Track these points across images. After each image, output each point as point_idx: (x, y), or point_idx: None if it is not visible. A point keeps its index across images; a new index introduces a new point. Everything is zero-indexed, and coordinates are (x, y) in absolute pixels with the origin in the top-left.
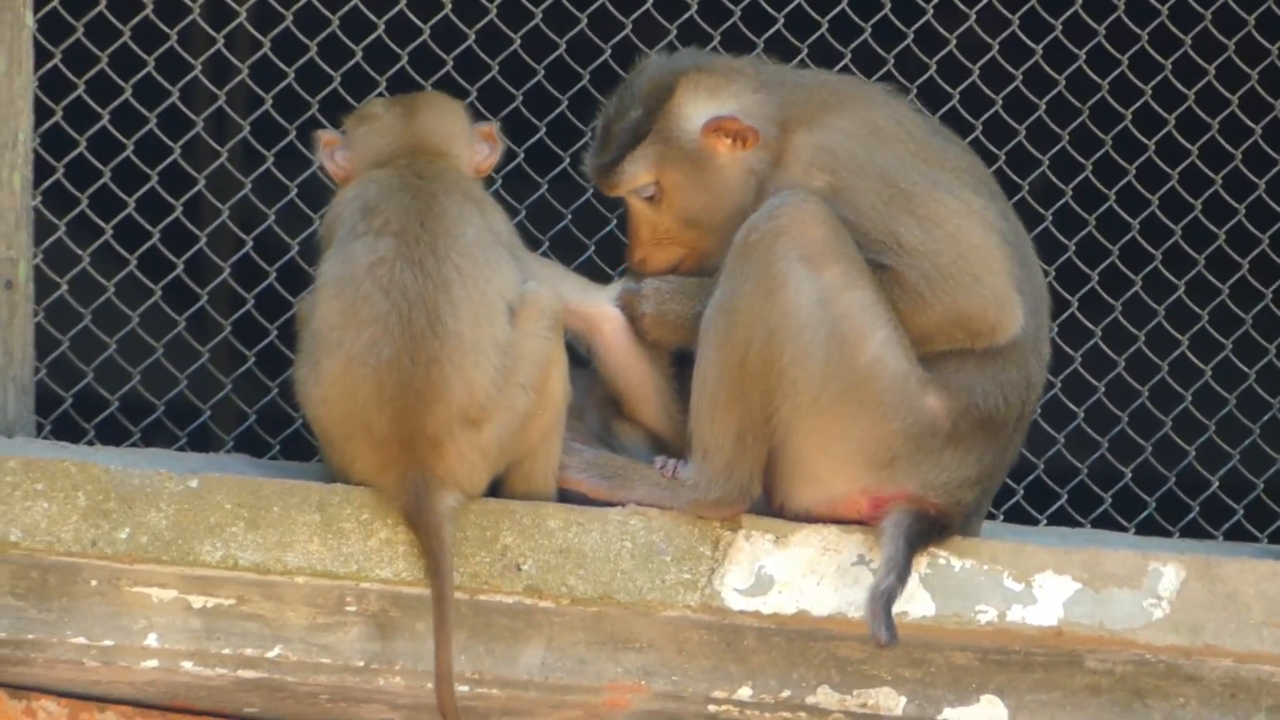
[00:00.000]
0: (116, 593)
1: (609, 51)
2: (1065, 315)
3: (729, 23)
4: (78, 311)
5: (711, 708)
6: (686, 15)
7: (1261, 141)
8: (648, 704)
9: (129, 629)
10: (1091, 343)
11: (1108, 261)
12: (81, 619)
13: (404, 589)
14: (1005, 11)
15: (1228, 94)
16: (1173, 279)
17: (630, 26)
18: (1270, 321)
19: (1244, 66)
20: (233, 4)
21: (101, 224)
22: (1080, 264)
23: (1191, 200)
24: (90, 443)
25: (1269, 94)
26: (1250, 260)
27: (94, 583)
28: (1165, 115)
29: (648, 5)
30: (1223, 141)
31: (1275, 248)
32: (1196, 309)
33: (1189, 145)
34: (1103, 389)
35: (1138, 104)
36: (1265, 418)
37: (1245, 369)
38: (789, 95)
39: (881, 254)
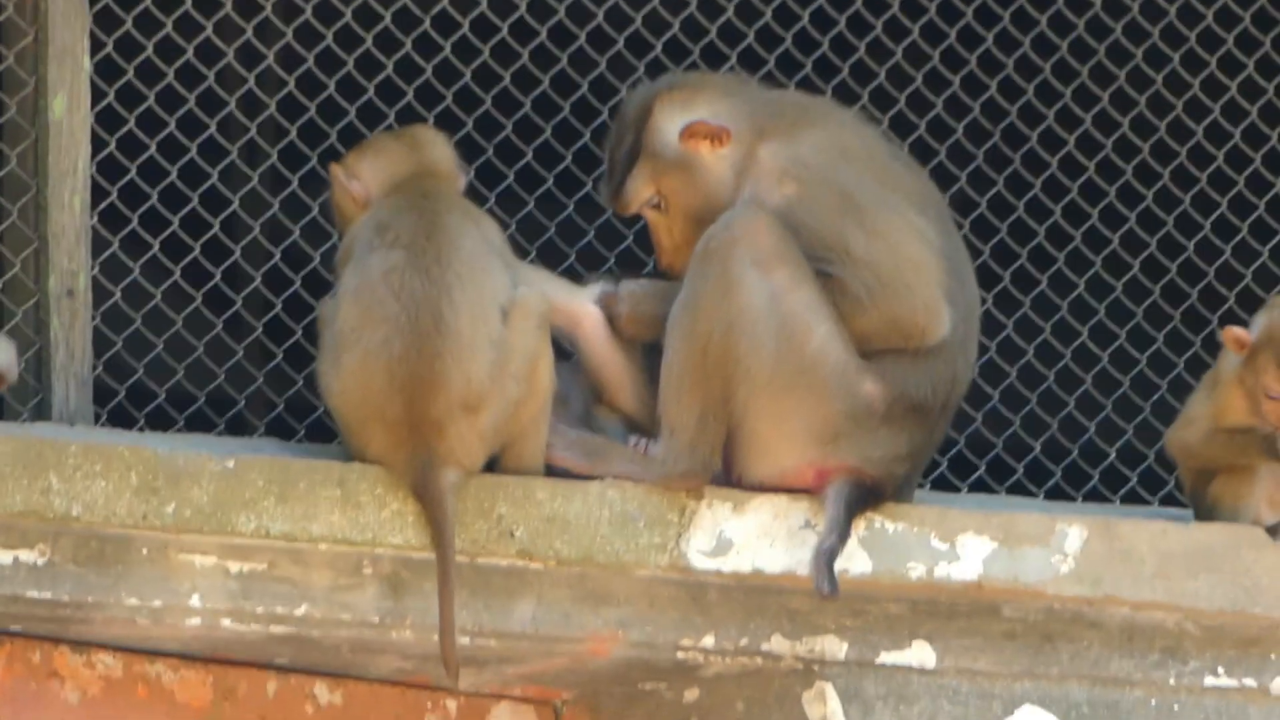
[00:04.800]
0: (164, 560)
1: (585, 86)
2: (982, 310)
3: (689, 59)
4: (129, 316)
5: (680, 654)
6: (652, 55)
7: (1149, 158)
8: (625, 652)
9: (175, 591)
10: (1005, 333)
11: (1018, 263)
12: (134, 583)
13: (413, 554)
14: (927, 48)
15: (1119, 116)
16: (1074, 278)
17: (604, 64)
18: (1158, 314)
19: (1133, 93)
20: (262, 48)
21: (150, 240)
22: (994, 265)
23: (1089, 209)
24: (141, 429)
25: (1154, 117)
26: (1140, 261)
27: (145, 551)
28: (1065, 136)
29: (618, 46)
30: (1115, 158)
31: (1163, 250)
32: (1095, 303)
33: (1086, 162)
34: (1014, 373)
35: (1041, 127)
36: (1155, 397)
37: (1137, 355)
38: (761, 107)
39: (831, 260)
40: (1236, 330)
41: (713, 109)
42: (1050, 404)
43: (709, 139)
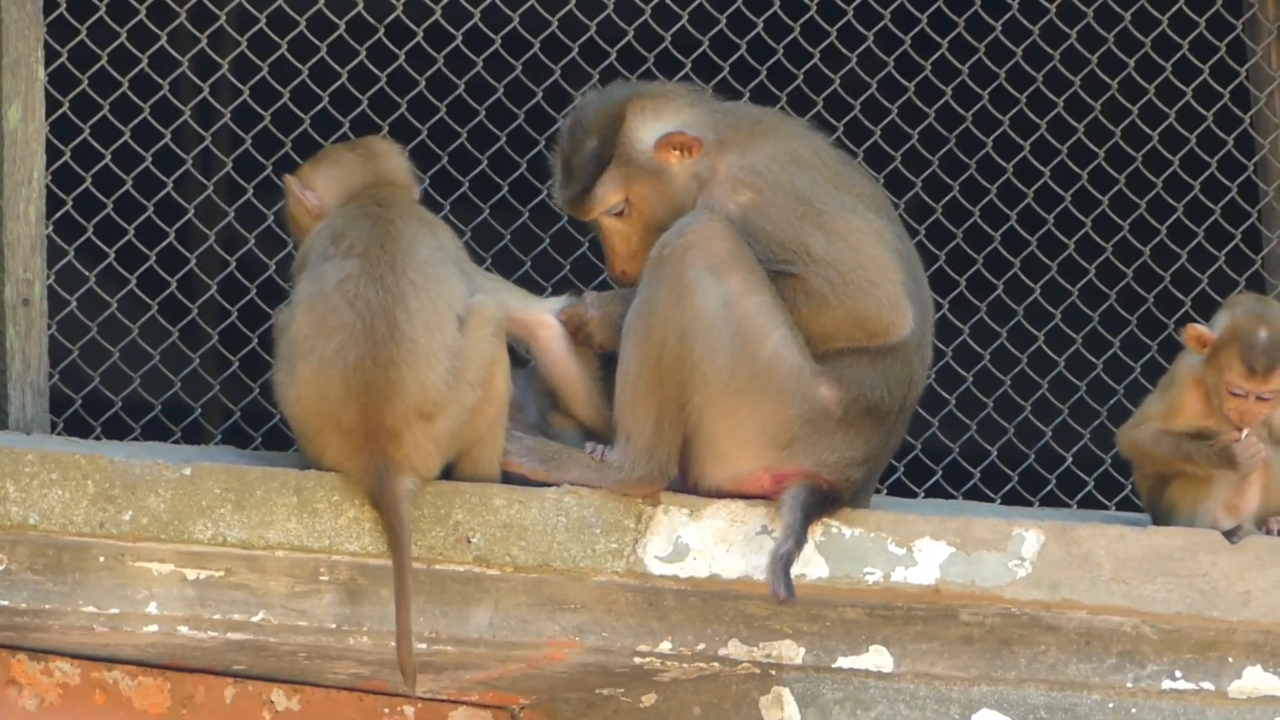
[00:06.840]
0: (121, 567)
1: (540, 94)
2: (938, 315)
3: (643, 67)
4: (85, 324)
5: (637, 659)
6: (606, 62)
7: (1104, 164)
8: (582, 657)
9: (132, 599)
10: (961, 339)
11: (974, 269)
12: (91, 590)
13: (370, 560)
14: (882, 54)
15: (1074, 123)
16: (1030, 283)
17: (558, 72)
18: (1114, 319)
19: (1089, 100)
20: (216, 58)
21: (105, 249)
22: (950, 271)
23: (1044, 215)
24: (98, 438)
25: (1110, 123)
26: (1096, 266)
27: (102, 559)
28: (1020, 142)
29: (573, 54)
30: (1071, 164)
31: (1119, 256)
32: (1051, 309)
33: (1041, 168)
34: (971, 378)
35: (996, 133)
36: (1111, 401)
37: (1093, 360)
38: (720, 118)
39: (792, 262)
40: (1198, 328)
41: (682, 119)
42: (1007, 409)
43: (680, 149)
